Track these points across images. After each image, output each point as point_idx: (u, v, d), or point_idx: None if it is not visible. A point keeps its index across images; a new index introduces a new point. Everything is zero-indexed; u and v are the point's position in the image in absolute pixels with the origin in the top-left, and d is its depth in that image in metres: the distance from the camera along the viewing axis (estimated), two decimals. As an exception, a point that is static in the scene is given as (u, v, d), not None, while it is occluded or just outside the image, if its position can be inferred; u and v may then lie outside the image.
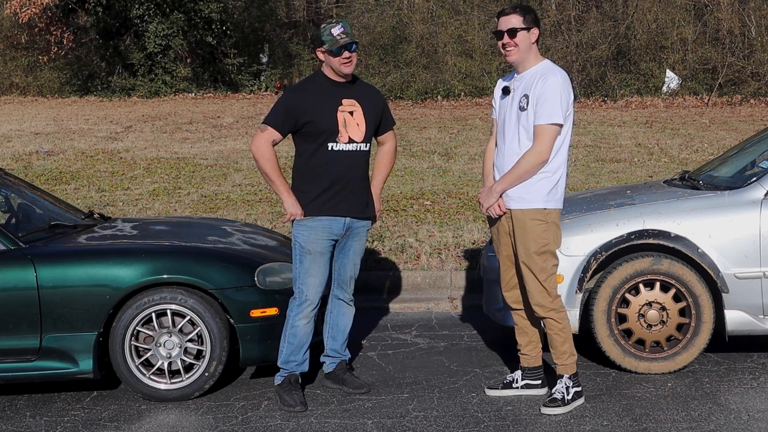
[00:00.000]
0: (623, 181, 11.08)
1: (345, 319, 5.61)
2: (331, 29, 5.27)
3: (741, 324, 5.71)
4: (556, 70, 5.13)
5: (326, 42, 5.26)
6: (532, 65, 5.15)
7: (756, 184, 5.78)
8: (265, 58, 30.19)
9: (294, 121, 5.29)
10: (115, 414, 5.33)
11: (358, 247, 5.52)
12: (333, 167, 5.31)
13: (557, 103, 5.00)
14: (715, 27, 23.19)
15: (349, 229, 5.42)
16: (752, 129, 15.57)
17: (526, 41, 5.10)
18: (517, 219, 5.13)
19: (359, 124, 5.36)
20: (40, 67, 28.94)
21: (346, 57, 5.28)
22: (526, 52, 5.12)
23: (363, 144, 5.38)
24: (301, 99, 5.35)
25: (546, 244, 5.12)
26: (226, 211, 9.95)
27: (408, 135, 16.10)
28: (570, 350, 5.20)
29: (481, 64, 23.31)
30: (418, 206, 10.17)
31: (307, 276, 5.33)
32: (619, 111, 19.59)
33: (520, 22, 5.10)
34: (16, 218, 6.20)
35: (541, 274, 5.12)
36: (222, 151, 14.61)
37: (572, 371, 5.21)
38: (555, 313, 5.17)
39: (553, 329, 5.18)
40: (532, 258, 5.11)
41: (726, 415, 5.05)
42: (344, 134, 5.31)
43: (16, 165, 13.34)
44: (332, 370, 5.62)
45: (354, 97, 5.39)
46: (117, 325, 5.39)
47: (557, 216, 5.18)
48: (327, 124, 5.29)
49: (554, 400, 5.15)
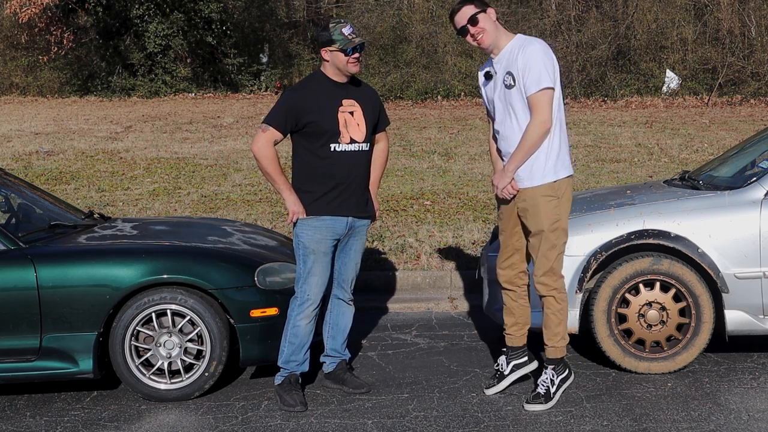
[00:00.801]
0: (623, 181, 11.09)
1: (345, 319, 5.61)
2: (342, 29, 5.29)
3: (741, 324, 5.71)
4: (532, 39, 5.17)
5: (337, 41, 5.26)
6: (505, 43, 5.18)
7: (756, 184, 5.78)
8: (265, 58, 30.20)
9: (295, 121, 5.29)
10: (115, 414, 5.33)
11: (359, 246, 5.54)
12: (336, 168, 5.32)
13: (542, 68, 5.01)
14: (715, 27, 23.20)
15: (351, 228, 5.44)
16: (752, 129, 15.57)
17: (488, 22, 5.14)
18: (529, 197, 5.15)
19: (359, 124, 5.37)
20: (40, 67, 28.95)
21: (356, 57, 5.31)
22: (495, 31, 5.16)
23: (364, 144, 5.40)
24: (303, 99, 5.35)
25: (557, 220, 5.14)
26: (226, 211, 9.95)
27: (408, 135, 16.11)
28: (563, 333, 5.24)
29: (481, 64, 23.27)
30: (418, 206, 10.17)
31: (311, 276, 5.33)
32: (619, 111, 19.60)
33: (473, 8, 5.16)
34: (16, 218, 6.20)
35: (552, 251, 5.15)
36: (222, 151, 14.61)
37: (561, 354, 5.25)
38: (557, 292, 5.20)
39: (551, 308, 5.21)
40: (545, 235, 5.13)
41: (726, 415, 5.05)
42: (345, 135, 5.32)
43: (16, 165, 13.35)
44: (332, 370, 5.63)
45: (353, 98, 5.40)
46: (117, 325, 5.39)
47: (568, 187, 5.19)
48: (329, 124, 5.30)
49: (537, 396, 5.18)
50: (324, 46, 5.33)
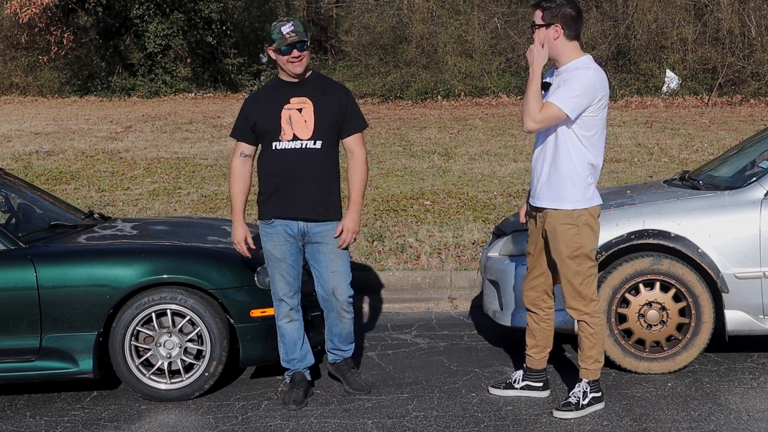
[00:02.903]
0: (623, 181, 11.09)
1: (338, 327, 5.48)
2: (281, 27, 5.22)
3: (741, 324, 5.71)
4: (591, 65, 4.98)
5: (276, 40, 5.22)
6: (568, 60, 4.99)
7: (756, 184, 5.78)
8: (265, 58, 30.18)
9: (249, 125, 5.32)
10: (115, 414, 5.33)
11: (328, 252, 5.29)
12: (278, 167, 5.25)
13: (574, 93, 4.86)
14: (715, 27, 23.17)
15: (305, 234, 5.30)
16: (752, 129, 15.56)
17: (547, 38, 4.96)
18: (549, 222, 5.06)
19: (307, 120, 5.23)
20: (40, 67, 28.95)
21: (295, 56, 5.22)
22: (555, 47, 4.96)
23: (311, 141, 5.23)
24: (252, 103, 5.39)
25: (578, 248, 5.01)
26: (226, 211, 9.94)
27: (408, 135, 16.11)
28: (597, 356, 5.12)
29: (481, 64, 23.30)
30: (418, 206, 10.17)
31: (272, 279, 5.38)
32: (619, 111, 19.58)
33: (539, 18, 5.01)
34: (16, 218, 6.20)
35: (576, 278, 5.04)
36: (222, 151, 14.61)
37: (594, 377, 5.14)
38: (589, 317, 5.09)
39: (584, 332, 5.11)
40: (565, 262, 5.03)
41: (726, 415, 5.05)
42: (288, 132, 5.22)
43: (16, 165, 13.34)
44: (337, 362, 5.62)
45: (306, 95, 5.27)
46: (117, 325, 5.39)
47: (590, 217, 5.03)
48: (269, 123, 5.25)
49: (568, 404, 5.10)
50: (268, 45, 5.33)
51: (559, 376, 5.71)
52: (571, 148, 4.97)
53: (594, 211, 5.07)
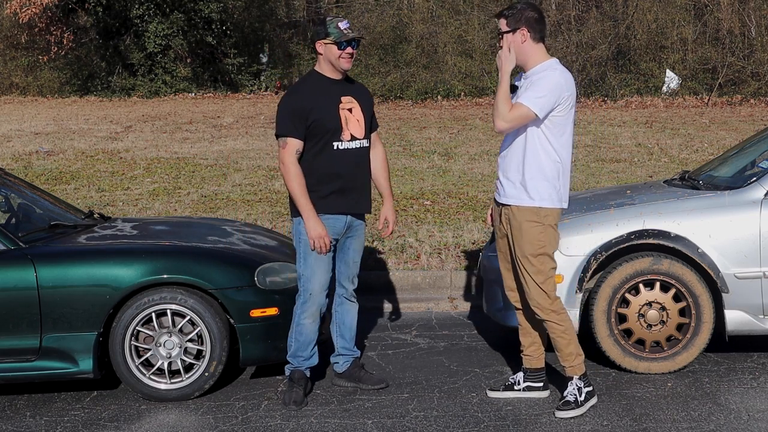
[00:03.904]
0: (623, 181, 11.08)
1: (350, 316, 5.62)
2: (338, 23, 5.31)
3: (741, 324, 5.71)
4: (557, 67, 5.11)
5: (332, 34, 5.27)
6: (535, 63, 5.11)
7: (756, 184, 5.78)
8: (265, 58, 30.19)
9: (304, 122, 5.26)
10: (115, 414, 5.33)
11: (357, 245, 5.54)
12: (340, 167, 5.32)
13: (541, 94, 4.96)
14: (715, 27, 23.18)
15: (349, 228, 5.45)
16: (752, 129, 15.57)
17: (514, 42, 5.08)
18: (514, 218, 5.12)
19: (359, 120, 5.39)
20: (40, 67, 28.94)
21: (349, 52, 5.32)
22: (522, 52, 5.09)
23: (365, 140, 5.43)
24: (303, 99, 5.32)
25: (542, 247, 5.09)
26: (226, 211, 9.94)
27: (408, 135, 16.10)
28: (576, 351, 5.16)
29: (481, 64, 23.30)
30: (418, 206, 10.17)
31: (312, 275, 5.33)
32: (619, 111, 19.59)
33: (504, 25, 5.13)
34: (16, 218, 6.20)
35: (538, 276, 5.10)
36: (222, 151, 14.61)
37: (581, 371, 5.17)
38: (555, 315, 5.14)
39: (556, 332, 5.15)
40: (528, 260, 5.10)
41: (726, 415, 5.05)
42: (347, 132, 5.34)
43: (16, 165, 13.34)
44: (346, 369, 5.63)
45: (351, 94, 5.41)
46: (117, 325, 5.39)
47: (555, 218, 5.13)
48: (331, 122, 5.30)
49: (567, 403, 5.11)
50: (320, 39, 5.33)
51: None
52: (539, 148, 5.06)
53: (559, 214, 5.16)
